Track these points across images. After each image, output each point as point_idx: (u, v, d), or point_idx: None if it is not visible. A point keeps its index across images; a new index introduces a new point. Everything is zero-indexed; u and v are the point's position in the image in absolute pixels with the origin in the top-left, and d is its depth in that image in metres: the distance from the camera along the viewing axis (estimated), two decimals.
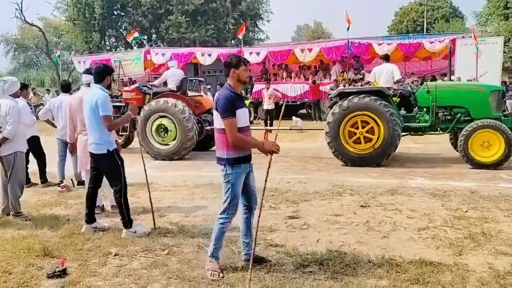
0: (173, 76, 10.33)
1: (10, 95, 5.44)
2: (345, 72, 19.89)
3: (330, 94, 9.47)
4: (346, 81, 17.67)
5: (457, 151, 8.42)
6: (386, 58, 9.83)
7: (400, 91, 8.93)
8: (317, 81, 19.04)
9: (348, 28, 18.69)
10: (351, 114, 8.31)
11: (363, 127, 8.30)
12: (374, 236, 4.54)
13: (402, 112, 8.79)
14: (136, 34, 22.05)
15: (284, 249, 4.19)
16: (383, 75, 9.28)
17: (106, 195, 5.76)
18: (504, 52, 19.62)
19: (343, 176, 7.60)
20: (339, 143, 8.40)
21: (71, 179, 7.28)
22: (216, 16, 29.88)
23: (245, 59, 3.81)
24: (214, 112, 3.68)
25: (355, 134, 8.36)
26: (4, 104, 5.26)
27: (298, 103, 19.79)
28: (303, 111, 20.78)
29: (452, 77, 16.48)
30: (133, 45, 25.82)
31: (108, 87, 4.82)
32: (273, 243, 4.34)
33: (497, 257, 3.88)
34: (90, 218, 4.86)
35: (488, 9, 25.34)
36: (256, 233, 3.57)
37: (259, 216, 3.61)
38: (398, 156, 9.56)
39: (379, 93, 8.36)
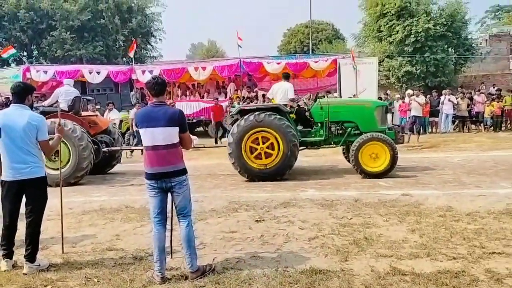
0: (65, 94, 9.66)
1: None
2: (238, 90, 20.42)
3: (231, 112, 9.63)
4: (240, 99, 18.11)
5: (349, 162, 9.04)
6: (285, 76, 10.20)
7: (296, 108, 9.38)
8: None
9: (240, 46, 19.14)
10: (250, 131, 8.53)
11: (263, 143, 8.55)
12: (268, 249, 4.65)
13: (300, 127, 9.21)
14: (12, 50, 20.16)
15: (180, 272, 4.08)
16: (279, 93, 9.68)
17: None
18: (379, 71, 21.77)
19: (239, 192, 7.71)
20: (243, 160, 8.55)
21: None
22: (104, 32, 28.60)
23: None
24: (166, 129, 3.85)
25: (256, 149, 8.58)
26: None
27: (195, 121, 19.76)
28: (200, 128, 20.79)
29: (335, 94, 17.89)
30: (10, 62, 23.59)
31: (30, 108, 4.38)
32: (168, 267, 4.20)
33: (378, 260, 4.21)
34: (32, 256, 4.26)
35: (364, 32, 27.97)
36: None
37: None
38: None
39: (276, 110, 8.73)
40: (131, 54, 20.07)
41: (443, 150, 12.76)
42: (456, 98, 18.08)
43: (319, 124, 9.05)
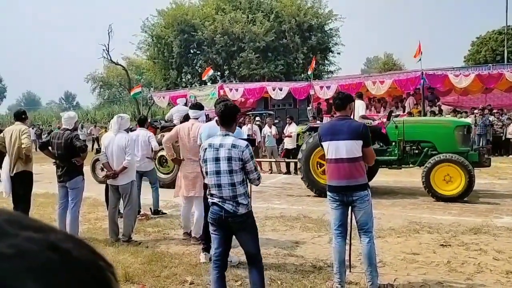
0: (178, 112, 10.86)
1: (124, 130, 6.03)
2: (419, 105, 19.30)
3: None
4: (420, 114, 17.11)
5: None
6: (358, 96, 9.86)
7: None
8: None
9: (420, 60, 17.92)
10: (318, 148, 8.23)
11: None
12: (457, 277, 4.27)
13: (377, 146, 8.83)
14: (210, 72, 23.08)
15: (359, 286, 4.07)
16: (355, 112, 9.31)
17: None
18: None
19: (420, 212, 7.27)
20: (311, 176, 8.77)
21: (150, 208, 7.66)
22: (286, 51, 30.43)
23: None
24: (349, 142, 3.91)
25: (323, 165, 8.25)
26: (121, 137, 5.81)
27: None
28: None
29: None
30: (207, 81, 27.00)
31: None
32: (347, 280, 4.23)
33: None
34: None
35: None
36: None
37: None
38: (480, 192, 8.97)
39: None
40: (310, 71, 20.85)
41: None
42: None
43: (393, 143, 8.61)
